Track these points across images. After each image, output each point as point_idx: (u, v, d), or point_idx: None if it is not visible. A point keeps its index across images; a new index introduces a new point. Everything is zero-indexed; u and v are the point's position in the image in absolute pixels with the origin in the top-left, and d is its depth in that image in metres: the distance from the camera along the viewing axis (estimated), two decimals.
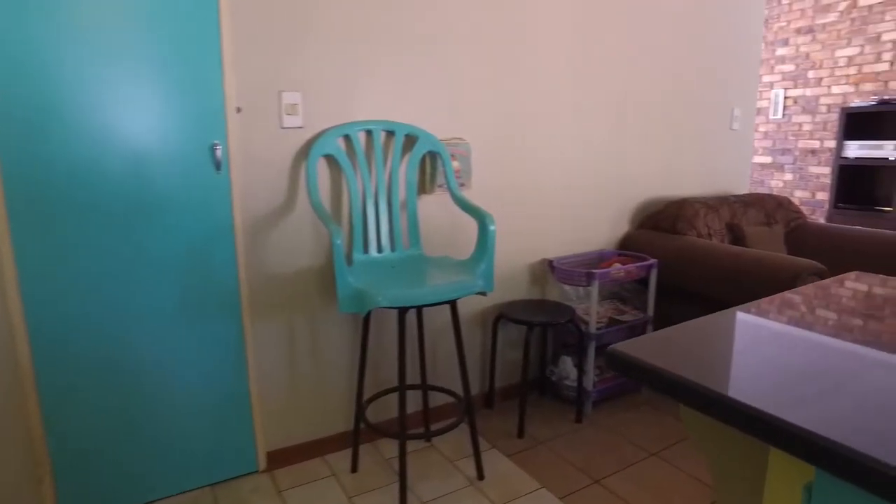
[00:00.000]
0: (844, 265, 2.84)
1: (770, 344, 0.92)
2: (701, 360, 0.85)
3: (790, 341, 0.93)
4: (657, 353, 0.88)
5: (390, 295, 1.66)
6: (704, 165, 3.17)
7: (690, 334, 0.99)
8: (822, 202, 5.72)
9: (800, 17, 5.71)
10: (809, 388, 0.76)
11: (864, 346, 0.91)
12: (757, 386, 0.76)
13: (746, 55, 3.23)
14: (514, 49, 2.35)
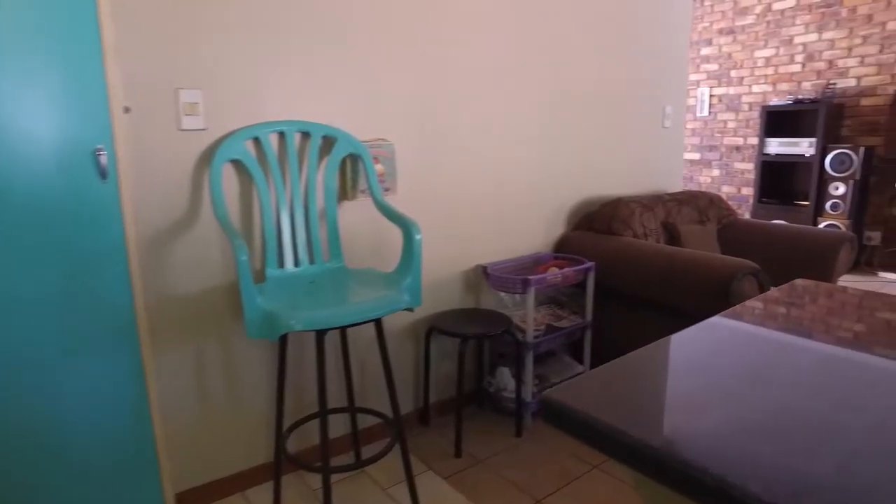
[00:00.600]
0: (773, 260, 2.86)
1: (729, 385, 0.81)
2: (643, 408, 0.74)
3: (749, 384, 0.83)
4: (597, 402, 0.76)
5: (305, 317, 1.48)
6: (638, 164, 3.14)
7: (636, 371, 0.87)
8: (748, 197, 5.91)
9: (721, 18, 5.87)
10: (769, 444, 0.65)
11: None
12: (710, 442, 0.65)
13: (675, 54, 3.23)
14: (441, 44, 2.21)
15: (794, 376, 0.80)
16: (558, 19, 2.59)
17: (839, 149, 4.78)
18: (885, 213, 5.03)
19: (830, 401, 0.72)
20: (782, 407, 0.71)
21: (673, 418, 0.69)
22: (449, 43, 2.23)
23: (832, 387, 0.76)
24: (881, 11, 4.84)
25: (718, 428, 0.66)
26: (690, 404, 0.73)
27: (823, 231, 2.80)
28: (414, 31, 2.12)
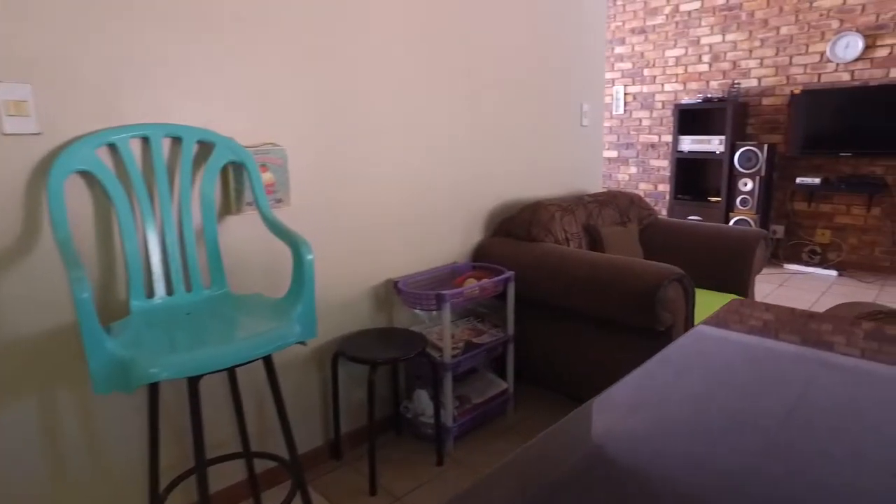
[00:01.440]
0: (694, 259, 2.83)
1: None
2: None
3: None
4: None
5: (171, 362, 1.21)
6: (558, 164, 3.03)
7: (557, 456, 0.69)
8: (664, 193, 6.02)
9: (633, 18, 5.94)
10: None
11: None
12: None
13: (591, 52, 3.14)
14: (343, 35, 1.97)
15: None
16: (472, 16, 2.41)
17: (746, 146, 4.93)
18: (787, 207, 5.24)
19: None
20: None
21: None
22: (352, 33, 2.00)
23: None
24: (775, 16, 5.03)
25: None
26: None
27: (740, 230, 2.79)
28: (312, 21, 1.87)
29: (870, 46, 4.65)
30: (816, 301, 4.06)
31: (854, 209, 4.93)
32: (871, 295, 4.23)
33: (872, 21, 4.62)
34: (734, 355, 0.89)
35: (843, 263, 5.01)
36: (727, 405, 0.73)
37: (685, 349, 0.93)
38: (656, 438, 0.66)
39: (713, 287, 2.78)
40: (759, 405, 0.72)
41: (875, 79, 4.67)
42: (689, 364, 0.87)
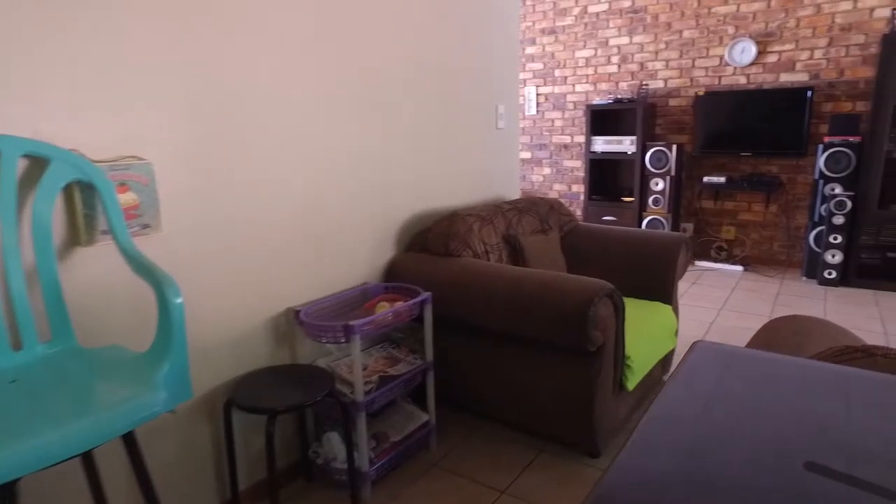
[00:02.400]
0: (617, 266, 2.73)
1: None
2: None
3: None
4: None
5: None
6: (473, 170, 2.85)
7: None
8: (578, 194, 6.04)
9: (543, 18, 5.90)
10: None
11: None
12: None
13: (505, 51, 2.98)
14: (229, 25, 1.66)
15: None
16: (379, 14, 2.17)
17: (656, 146, 4.99)
18: (695, 205, 5.38)
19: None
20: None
21: None
22: (242, 24, 1.69)
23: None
24: (677, 20, 5.13)
25: None
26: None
27: (662, 235, 2.73)
28: (185, 9, 1.56)
29: (762, 52, 4.84)
30: (728, 297, 4.15)
31: (755, 206, 5.13)
32: (773, 288, 4.39)
33: (762, 28, 4.81)
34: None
35: (748, 258, 5.21)
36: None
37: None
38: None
39: (637, 294, 2.69)
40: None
41: (768, 82, 4.86)
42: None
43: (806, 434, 0.65)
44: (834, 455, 0.60)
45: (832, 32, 4.57)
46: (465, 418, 2.44)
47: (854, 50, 4.52)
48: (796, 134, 4.65)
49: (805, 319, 1.48)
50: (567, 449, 2.22)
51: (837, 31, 4.55)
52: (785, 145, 4.72)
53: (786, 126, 4.68)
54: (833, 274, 4.40)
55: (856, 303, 4.03)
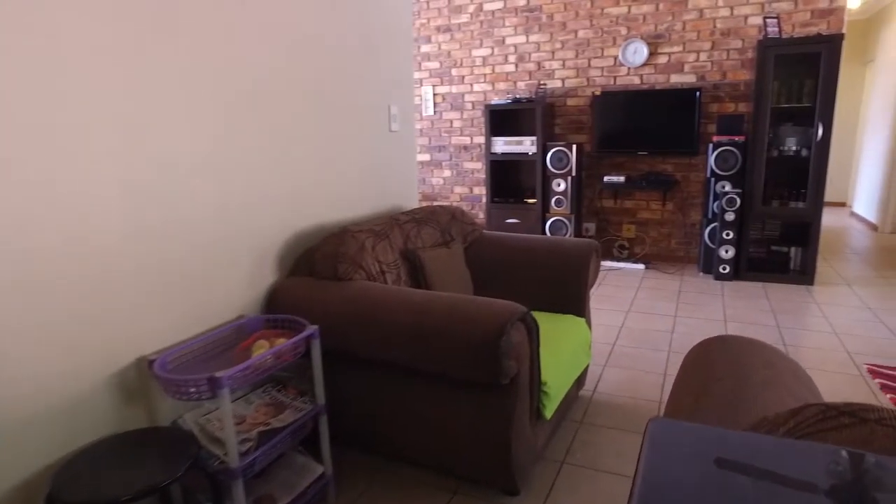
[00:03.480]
0: (525, 278, 2.55)
1: None
2: None
3: None
4: None
5: None
6: (365, 178, 2.56)
7: None
8: (480, 196, 5.89)
9: (438, 15, 5.69)
10: None
11: None
12: None
13: (398, 48, 2.71)
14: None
15: None
16: (257, 6, 1.82)
17: (557, 147, 4.93)
18: (597, 205, 5.40)
19: None
20: None
21: None
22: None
23: None
24: (572, 20, 5.11)
25: None
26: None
27: (571, 242, 2.57)
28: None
29: (653, 53, 4.91)
30: (634, 298, 4.14)
31: (652, 204, 5.21)
32: (675, 285, 4.45)
33: (653, 30, 4.88)
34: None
35: (648, 256, 5.29)
36: None
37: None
38: None
39: (548, 307, 2.52)
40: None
41: (660, 83, 4.95)
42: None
43: None
44: None
45: (714, 37, 4.71)
46: (370, 461, 2.15)
47: (734, 54, 4.69)
48: (688, 133, 4.76)
49: (737, 345, 1.34)
50: (483, 488, 1.99)
51: (719, 35, 4.70)
52: (678, 144, 4.82)
53: (678, 125, 4.78)
54: (727, 269, 4.53)
55: (749, 296, 4.15)
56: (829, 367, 2.95)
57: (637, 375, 2.88)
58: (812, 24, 4.43)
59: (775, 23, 4.18)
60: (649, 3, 4.82)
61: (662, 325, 3.60)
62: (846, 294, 4.19)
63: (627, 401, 2.63)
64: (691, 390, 1.23)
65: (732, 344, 1.38)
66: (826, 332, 3.43)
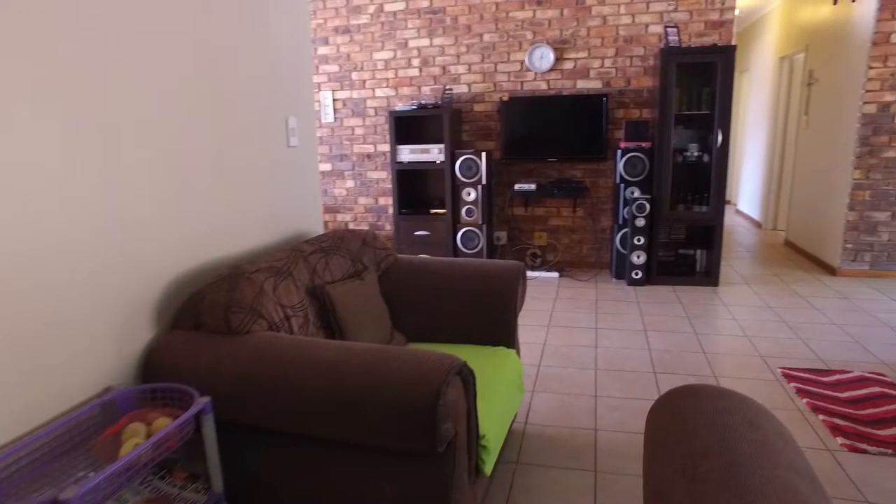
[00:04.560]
0: (448, 308, 2.30)
1: None
2: None
3: None
4: None
5: None
6: (260, 203, 2.20)
7: None
8: (386, 208, 5.60)
9: (335, 15, 5.33)
10: None
11: None
12: None
13: (296, 51, 2.37)
14: None
15: None
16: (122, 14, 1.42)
17: (466, 155, 4.75)
18: (507, 213, 5.29)
19: None
20: None
21: None
22: None
23: None
24: (477, 23, 4.96)
25: None
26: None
27: (496, 266, 2.36)
28: None
29: (559, 58, 4.86)
30: (552, 310, 4.03)
31: (563, 211, 5.18)
32: (591, 293, 4.41)
33: (558, 35, 4.83)
34: None
35: (561, 263, 5.25)
36: None
37: None
38: None
39: (475, 339, 2.30)
40: None
41: (567, 88, 4.91)
42: None
43: None
44: None
45: (618, 43, 4.74)
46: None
47: (636, 61, 4.73)
48: (596, 139, 4.75)
49: (709, 400, 1.17)
50: None
51: (622, 42, 4.73)
52: (587, 150, 4.80)
53: (586, 131, 4.75)
54: (639, 274, 4.55)
55: (662, 301, 4.18)
56: (748, 374, 2.96)
57: (568, 400, 2.73)
58: (706, 34, 4.55)
59: (675, 32, 4.25)
60: (554, 9, 4.76)
61: (585, 339, 3.50)
62: (748, 294, 4.33)
63: (562, 431, 2.46)
64: (675, 467, 1.04)
65: (704, 399, 1.21)
66: (738, 336, 3.48)
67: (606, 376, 2.97)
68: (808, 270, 5.01)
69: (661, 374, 2.99)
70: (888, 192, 4.59)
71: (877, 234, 4.67)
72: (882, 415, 2.56)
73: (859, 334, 3.49)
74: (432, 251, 4.99)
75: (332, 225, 5.72)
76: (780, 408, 2.62)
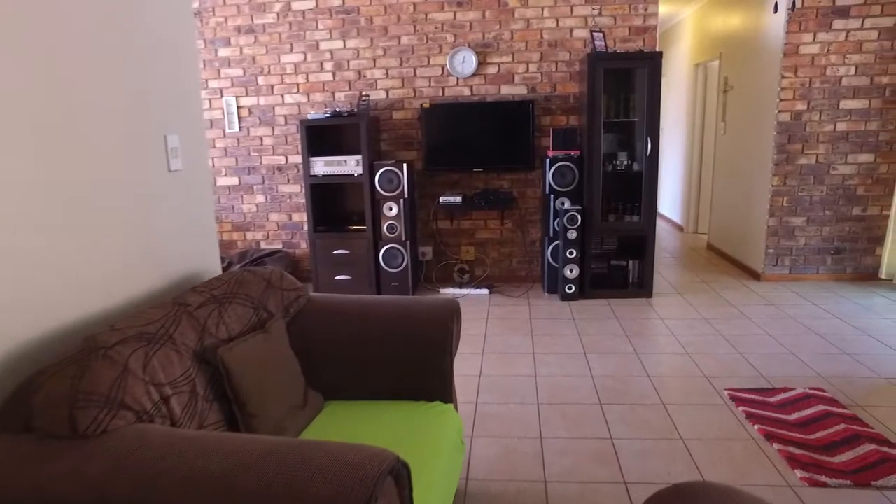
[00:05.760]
0: (370, 357, 1.95)
1: None
2: None
3: None
4: None
5: None
6: (132, 243, 1.75)
7: None
8: (301, 224, 5.14)
9: (237, 13, 4.82)
10: None
11: None
12: None
13: (176, 55, 1.93)
14: None
15: None
16: None
17: (386, 166, 4.39)
18: (432, 227, 4.98)
19: None
20: None
21: None
22: None
23: None
24: (394, 25, 4.63)
25: None
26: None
27: (428, 305, 2.03)
28: None
29: (482, 63, 4.61)
30: (485, 335, 3.75)
31: (490, 223, 4.93)
32: (524, 311, 4.18)
33: (480, 39, 4.58)
34: None
35: (490, 278, 4.99)
36: None
37: None
38: None
39: (405, 393, 1.95)
40: None
41: (491, 94, 4.67)
42: None
43: None
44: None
45: (542, 48, 4.54)
46: None
47: (562, 66, 4.56)
48: (523, 148, 4.53)
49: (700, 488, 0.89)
50: None
51: (546, 46, 4.54)
52: (513, 159, 4.57)
53: (513, 140, 4.52)
54: (573, 288, 4.37)
55: (598, 317, 4.01)
56: (696, 399, 2.80)
57: (511, 446, 2.44)
58: (630, 40, 4.45)
59: (601, 37, 4.09)
60: (475, 11, 4.50)
61: (523, 367, 3.24)
62: (681, 305, 4.25)
63: (508, 486, 2.17)
64: None
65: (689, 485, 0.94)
66: (679, 354, 3.34)
67: (550, 412, 2.71)
68: (734, 276, 5.04)
69: (608, 405, 2.77)
70: (803, 198, 4.67)
71: (794, 238, 4.75)
72: (831, 437, 2.46)
73: (792, 344, 3.45)
74: (352, 271, 4.59)
75: (242, 244, 5.19)
76: (734, 438, 2.46)
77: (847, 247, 4.72)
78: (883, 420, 2.58)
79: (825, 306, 4.13)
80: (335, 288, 4.64)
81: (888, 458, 2.30)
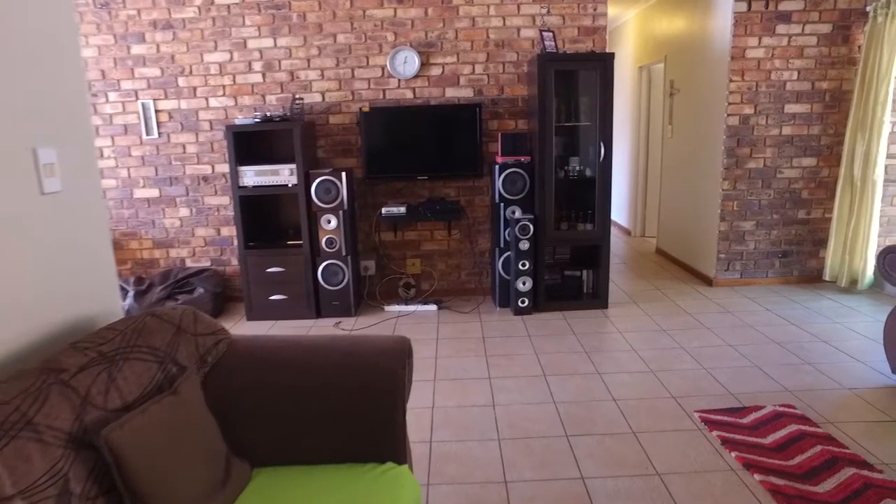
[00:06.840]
0: (307, 412, 1.62)
1: None
2: None
3: None
4: None
5: None
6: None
7: None
8: (230, 239, 4.69)
9: (153, 6, 4.32)
10: None
11: None
12: None
13: (59, 52, 1.54)
14: None
15: None
16: None
17: (323, 176, 4.03)
18: (374, 239, 4.65)
19: None
20: None
21: None
22: None
23: None
24: (329, 22, 4.27)
25: None
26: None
27: (375, 345, 1.72)
28: None
29: (425, 64, 4.33)
30: (436, 359, 3.46)
31: (437, 234, 4.64)
32: (475, 329, 3.91)
33: (423, 38, 4.29)
34: None
35: (438, 292, 4.71)
36: None
37: None
38: None
39: (349, 455, 1.63)
40: None
41: (434, 97, 4.39)
42: None
43: None
44: None
45: (488, 48, 4.30)
46: None
47: (510, 67, 4.33)
48: (470, 154, 4.27)
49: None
50: None
51: (493, 46, 4.30)
52: (460, 166, 4.30)
53: (459, 145, 4.26)
54: (526, 302, 4.14)
55: (554, 332, 3.79)
56: (667, 425, 2.61)
57: (473, 494, 2.15)
58: (580, 40, 4.27)
59: (551, 37, 3.88)
60: (417, 8, 4.21)
61: (479, 394, 2.96)
62: (638, 315, 4.10)
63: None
64: None
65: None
66: (643, 372, 3.16)
67: (513, 449, 2.45)
68: (686, 281, 4.95)
69: (575, 436, 2.53)
70: (752, 202, 4.63)
71: (745, 243, 4.70)
72: (810, 462, 2.31)
73: (754, 355, 3.33)
74: (288, 290, 4.20)
75: (165, 262, 4.69)
76: (713, 469, 2.26)
77: (794, 250, 4.72)
78: (856, 438, 2.46)
79: (778, 311, 4.07)
80: (270, 309, 4.23)
81: (872, 484, 2.16)
